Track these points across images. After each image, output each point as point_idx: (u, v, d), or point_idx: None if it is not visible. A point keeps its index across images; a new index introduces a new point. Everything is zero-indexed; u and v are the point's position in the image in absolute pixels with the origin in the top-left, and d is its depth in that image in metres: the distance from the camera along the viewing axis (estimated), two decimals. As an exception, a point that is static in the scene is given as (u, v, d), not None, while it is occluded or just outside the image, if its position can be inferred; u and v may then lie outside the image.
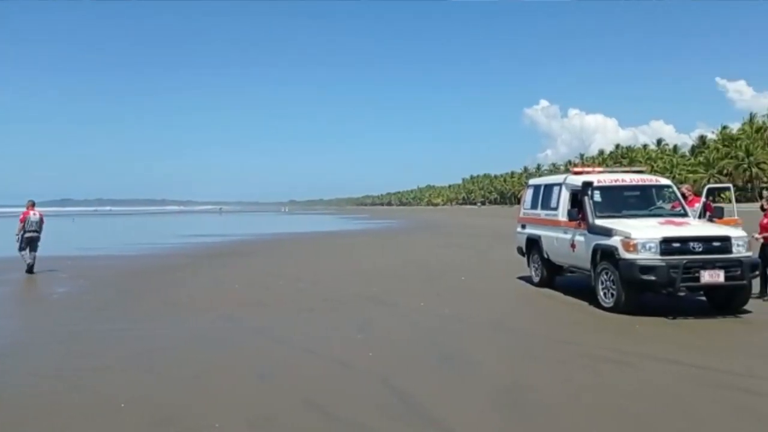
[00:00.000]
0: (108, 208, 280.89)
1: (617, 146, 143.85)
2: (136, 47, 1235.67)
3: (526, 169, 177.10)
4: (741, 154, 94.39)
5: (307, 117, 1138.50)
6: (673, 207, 11.04)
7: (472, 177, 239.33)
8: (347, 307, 10.63)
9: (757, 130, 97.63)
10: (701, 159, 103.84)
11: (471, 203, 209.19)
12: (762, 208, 10.70)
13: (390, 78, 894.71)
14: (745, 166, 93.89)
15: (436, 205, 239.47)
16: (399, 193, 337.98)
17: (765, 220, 10.46)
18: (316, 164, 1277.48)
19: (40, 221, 16.62)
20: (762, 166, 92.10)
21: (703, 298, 10.14)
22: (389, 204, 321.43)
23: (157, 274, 16.20)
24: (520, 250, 13.76)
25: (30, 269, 16.17)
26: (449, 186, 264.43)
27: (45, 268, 16.72)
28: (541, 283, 12.56)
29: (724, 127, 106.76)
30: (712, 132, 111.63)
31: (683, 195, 11.37)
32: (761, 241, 10.33)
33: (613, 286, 9.62)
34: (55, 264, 17.93)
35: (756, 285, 10.00)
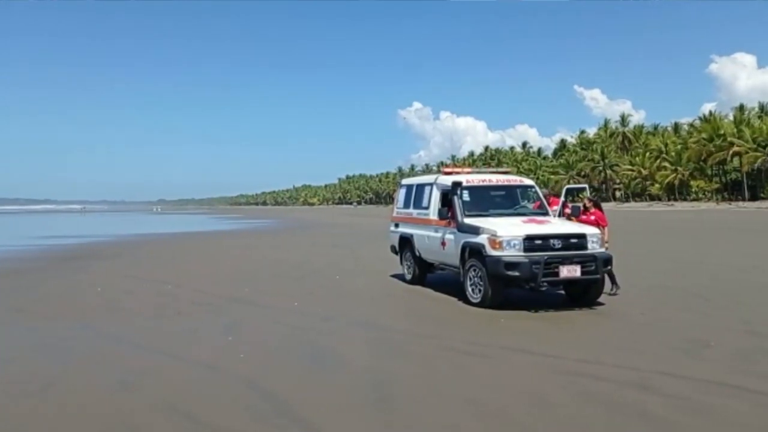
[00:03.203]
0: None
1: (486, 148, 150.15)
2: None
3: (400, 170, 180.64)
4: (597, 156, 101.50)
5: (177, 113, 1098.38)
6: (536, 206, 11.61)
7: (348, 177, 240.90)
8: (217, 310, 10.30)
9: (611, 135, 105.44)
10: (562, 161, 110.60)
11: (347, 203, 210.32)
12: (584, 207, 11.25)
13: (266, 77, 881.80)
14: (601, 168, 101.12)
15: (313, 204, 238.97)
16: (274, 192, 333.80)
17: (591, 218, 11.00)
18: (187, 162, 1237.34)
19: None
20: (615, 168, 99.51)
21: (563, 291, 10.73)
22: (264, 204, 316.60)
23: (6, 279, 14.95)
24: (393, 248, 13.94)
25: None
26: (325, 186, 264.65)
27: None
28: (414, 281, 12.79)
29: (582, 132, 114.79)
30: (572, 136, 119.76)
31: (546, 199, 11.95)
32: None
33: (481, 282, 9.95)
34: None
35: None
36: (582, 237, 9.86)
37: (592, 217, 11.01)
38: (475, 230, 10.17)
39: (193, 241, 32.17)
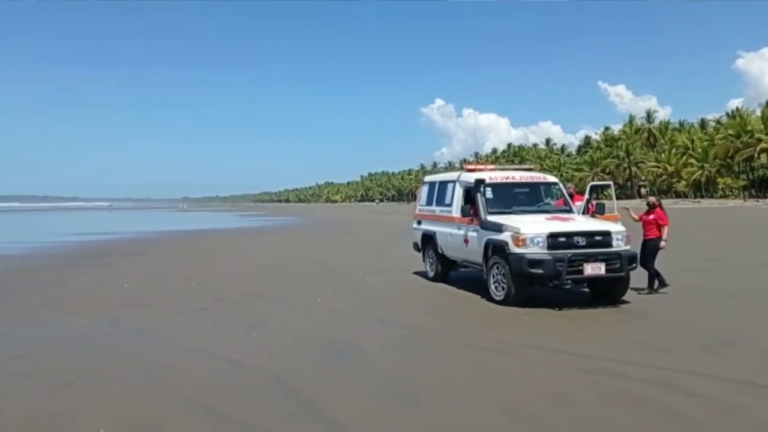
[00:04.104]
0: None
1: (509, 145, 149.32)
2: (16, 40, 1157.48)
3: (422, 167, 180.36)
4: (621, 153, 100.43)
5: (201, 112, 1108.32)
6: (560, 203, 11.53)
7: (370, 174, 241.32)
8: (242, 306, 10.41)
9: (636, 132, 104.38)
10: (586, 158, 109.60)
11: (369, 200, 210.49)
12: (649, 205, 11.04)
13: (288, 76, 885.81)
14: (625, 165, 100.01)
15: (335, 202, 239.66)
16: (297, 190, 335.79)
17: (649, 217, 10.86)
18: (211, 160, 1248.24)
19: None
20: (640, 165, 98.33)
21: (587, 289, 10.65)
22: (287, 201, 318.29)
23: (34, 275, 15.21)
24: (415, 245, 13.96)
25: None
26: (348, 183, 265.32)
27: None
28: (436, 278, 12.80)
29: (607, 128, 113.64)
30: (596, 133, 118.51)
31: (570, 195, 11.90)
32: (663, 244, 10.74)
33: (504, 280, 9.92)
34: None
35: (639, 279, 10.57)
36: (606, 234, 9.77)
37: (651, 216, 10.86)
38: (499, 227, 10.13)
39: (217, 238, 32.47)
